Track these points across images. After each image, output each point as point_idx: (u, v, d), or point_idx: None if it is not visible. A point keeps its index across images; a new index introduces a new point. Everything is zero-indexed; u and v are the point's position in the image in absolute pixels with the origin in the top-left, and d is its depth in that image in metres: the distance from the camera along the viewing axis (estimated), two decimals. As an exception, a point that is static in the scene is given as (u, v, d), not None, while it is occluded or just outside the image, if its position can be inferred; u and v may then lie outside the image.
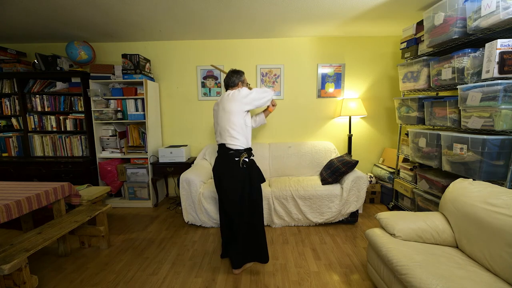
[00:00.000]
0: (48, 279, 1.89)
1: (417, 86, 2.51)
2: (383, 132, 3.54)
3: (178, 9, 2.46)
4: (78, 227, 2.15)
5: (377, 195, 3.27)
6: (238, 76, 2.04)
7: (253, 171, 1.94)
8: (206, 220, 2.65)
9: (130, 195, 3.35)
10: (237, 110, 1.89)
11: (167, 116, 3.60)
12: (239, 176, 1.86)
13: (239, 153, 1.89)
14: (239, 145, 1.90)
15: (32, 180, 3.10)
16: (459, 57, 1.94)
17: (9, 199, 1.72)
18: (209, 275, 1.93)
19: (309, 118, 3.52)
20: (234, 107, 1.88)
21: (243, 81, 2.07)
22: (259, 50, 3.42)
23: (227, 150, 1.90)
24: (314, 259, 2.10)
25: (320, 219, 2.63)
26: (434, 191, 2.30)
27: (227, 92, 1.99)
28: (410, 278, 1.27)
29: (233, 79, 2.02)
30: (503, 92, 1.63)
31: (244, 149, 1.93)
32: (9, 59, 3.20)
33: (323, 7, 2.44)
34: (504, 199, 1.37)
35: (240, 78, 2.05)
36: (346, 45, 3.38)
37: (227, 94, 1.94)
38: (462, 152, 1.90)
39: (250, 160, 1.94)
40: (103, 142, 3.30)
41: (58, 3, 2.28)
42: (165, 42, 3.45)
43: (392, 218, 1.71)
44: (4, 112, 3.30)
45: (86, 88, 3.17)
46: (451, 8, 2.00)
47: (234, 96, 1.91)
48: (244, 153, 1.90)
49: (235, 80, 2.03)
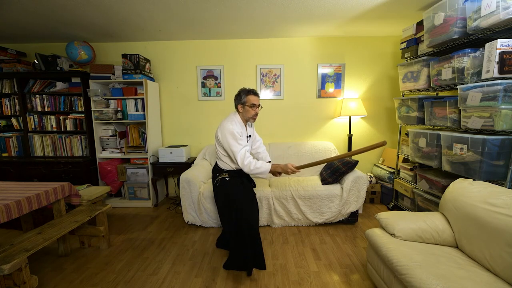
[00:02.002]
0: (48, 279, 1.89)
1: (417, 86, 2.51)
2: (383, 132, 3.54)
3: (178, 9, 2.46)
4: (78, 227, 2.15)
5: (377, 195, 3.27)
6: (237, 98, 1.97)
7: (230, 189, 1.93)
8: (206, 220, 2.65)
9: (130, 195, 3.35)
10: (218, 138, 1.93)
11: (167, 116, 3.60)
12: (217, 191, 2.01)
13: (221, 171, 2.00)
14: (224, 167, 2.00)
15: (32, 180, 3.10)
16: (459, 57, 1.94)
17: (9, 199, 1.72)
18: (209, 275, 1.92)
19: (309, 118, 3.52)
20: (218, 133, 1.93)
21: (244, 103, 1.93)
22: (259, 50, 3.42)
23: (215, 166, 2.07)
24: (314, 259, 2.10)
25: (320, 219, 2.63)
26: (434, 191, 2.30)
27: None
28: (410, 278, 1.27)
29: (235, 102, 1.99)
30: (503, 92, 1.63)
31: (229, 170, 1.98)
32: (9, 59, 3.20)
33: (323, 7, 2.44)
34: (504, 199, 1.37)
35: (239, 99, 1.95)
36: (346, 45, 3.38)
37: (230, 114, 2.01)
38: (462, 152, 1.90)
39: (230, 178, 1.96)
40: (103, 142, 3.30)
41: (58, 3, 2.28)
42: (165, 42, 3.45)
43: (392, 218, 1.71)
44: (4, 112, 3.30)
45: (86, 88, 3.17)
46: (451, 8, 2.00)
47: (222, 123, 1.92)
48: (225, 173, 1.97)
49: (236, 103, 1.99)
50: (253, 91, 1.96)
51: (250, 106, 1.92)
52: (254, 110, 1.94)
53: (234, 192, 1.90)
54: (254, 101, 1.93)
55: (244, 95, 1.93)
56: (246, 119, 2.00)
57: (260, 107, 1.99)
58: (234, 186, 1.94)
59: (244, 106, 1.94)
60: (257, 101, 1.95)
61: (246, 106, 1.93)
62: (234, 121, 1.92)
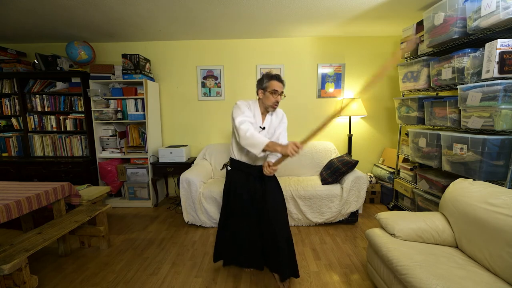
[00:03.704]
0: (48, 279, 1.89)
1: (417, 86, 2.51)
2: (383, 132, 3.54)
3: (178, 9, 2.46)
4: (78, 227, 2.15)
5: (377, 195, 3.27)
6: (259, 83, 1.78)
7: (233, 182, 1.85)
8: (206, 220, 2.65)
9: (130, 195, 3.35)
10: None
11: (167, 116, 3.60)
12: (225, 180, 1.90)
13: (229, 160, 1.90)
14: (230, 154, 1.89)
15: (32, 180, 3.10)
16: (459, 57, 1.94)
17: (9, 199, 1.72)
18: (209, 275, 1.92)
19: (309, 118, 3.52)
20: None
21: (265, 88, 1.73)
22: (259, 50, 3.42)
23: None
24: (314, 259, 2.10)
25: (320, 219, 2.63)
26: (434, 191, 2.30)
27: None
28: (410, 278, 1.27)
29: (257, 87, 1.80)
30: (503, 92, 1.63)
31: (231, 159, 1.88)
32: (9, 59, 3.20)
33: (323, 7, 2.44)
34: (504, 199, 1.37)
35: (261, 84, 1.76)
36: (346, 45, 3.38)
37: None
38: (462, 152, 1.90)
39: (232, 170, 1.86)
40: (103, 142, 3.30)
41: (58, 3, 2.28)
42: (165, 42, 3.44)
43: (392, 218, 1.71)
44: (4, 112, 3.30)
45: (86, 88, 3.17)
46: (451, 8, 2.00)
47: (236, 103, 1.77)
48: (228, 161, 1.90)
49: (257, 88, 1.80)
50: (278, 76, 1.74)
51: (271, 92, 1.71)
52: (274, 97, 1.72)
53: (230, 199, 1.84)
54: (277, 87, 1.71)
55: (267, 80, 1.72)
56: (266, 107, 1.78)
57: (283, 95, 1.77)
58: (231, 190, 1.83)
59: (265, 91, 1.74)
60: (281, 88, 1.73)
61: (267, 92, 1.72)
62: (247, 102, 1.78)
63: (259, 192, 1.79)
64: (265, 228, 1.75)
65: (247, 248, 1.80)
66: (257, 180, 1.81)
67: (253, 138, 1.58)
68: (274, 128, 1.85)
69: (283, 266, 1.67)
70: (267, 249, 1.76)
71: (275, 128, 1.85)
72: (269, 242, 1.73)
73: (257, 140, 1.57)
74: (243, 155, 1.81)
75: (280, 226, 1.71)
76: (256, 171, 1.82)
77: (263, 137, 1.60)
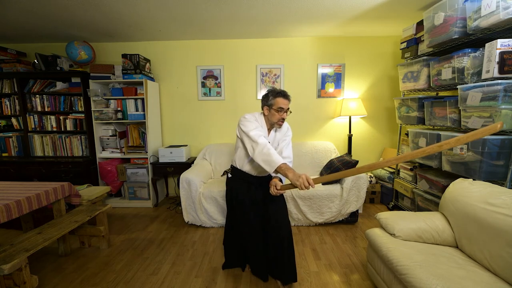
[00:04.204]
0: (48, 279, 1.89)
1: (417, 86, 2.51)
2: (383, 132, 3.54)
3: (177, 9, 2.46)
4: (78, 227, 2.15)
5: (377, 195, 3.27)
6: (264, 99, 1.73)
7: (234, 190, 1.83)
8: (206, 220, 2.65)
9: (130, 195, 3.35)
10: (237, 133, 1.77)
11: (167, 116, 3.60)
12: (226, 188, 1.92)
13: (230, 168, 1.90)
14: (232, 162, 1.89)
15: (32, 180, 3.09)
16: (459, 57, 1.94)
17: (9, 199, 1.72)
18: (209, 275, 1.92)
19: (309, 118, 3.52)
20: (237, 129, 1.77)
21: (271, 105, 1.68)
22: (259, 50, 3.42)
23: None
24: (314, 259, 2.10)
25: (320, 219, 2.63)
26: (434, 191, 2.30)
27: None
28: (410, 278, 1.27)
29: (262, 103, 1.76)
30: (503, 92, 1.63)
31: (233, 167, 1.87)
32: (9, 59, 3.20)
33: (323, 7, 2.44)
34: (504, 199, 1.37)
35: (266, 100, 1.72)
36: (346, 45, 3.37)
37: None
38: (462, 152, 1.90)
39: (233, 177, 1.86)
40: (103, 142, 3.30)
41: (58, 3, 2.28)
42: (165, 42, 3.44)
43: (392, 218, 1.71)
44: (4, 112, 3.30)
45: (86, 88, 3.17)
46: (451, 8, 2.00)
47: (240, 118, 1.75)
48: (229, 169, 1.90)
49: (262, 104, 1.77)
50: (284, 93, 1.68)
51: (276, 110, 1.67)
52: (280, 114, 1.69)
53: (232, 206, 1.85)
54: (282, 105, 1.66)
55: (272, 97, 1.68)
56: (271, 124, 1.76)
57: (289, 111, 1.73)
58: (233, 197, 1.83)
59: (270, 109, 1.70)
60: (286, 105, 1.68)
61: (272, 109, 1.68)
62: (253, 115, 1.76)
63: (260, 198, 1.78)
64: (269, 234, 1.73)
65: (254, 259, 1.82)
66: (257, 188, 1.80)
67: (270, 155, 1.52)
68: (278, 141, 1.84)
69: (286, 272, 1.68)
70: (271, 254, 1.74)
71: (279, 141, 1.84)
72: (272, 248, 1.72)
73: (273, 158, 1.51)
74: (246, 166, 1.80)
75: (283, 233, 1.69)
76: (257, 180, 1.81)
77: (279, 157, 1.54)
